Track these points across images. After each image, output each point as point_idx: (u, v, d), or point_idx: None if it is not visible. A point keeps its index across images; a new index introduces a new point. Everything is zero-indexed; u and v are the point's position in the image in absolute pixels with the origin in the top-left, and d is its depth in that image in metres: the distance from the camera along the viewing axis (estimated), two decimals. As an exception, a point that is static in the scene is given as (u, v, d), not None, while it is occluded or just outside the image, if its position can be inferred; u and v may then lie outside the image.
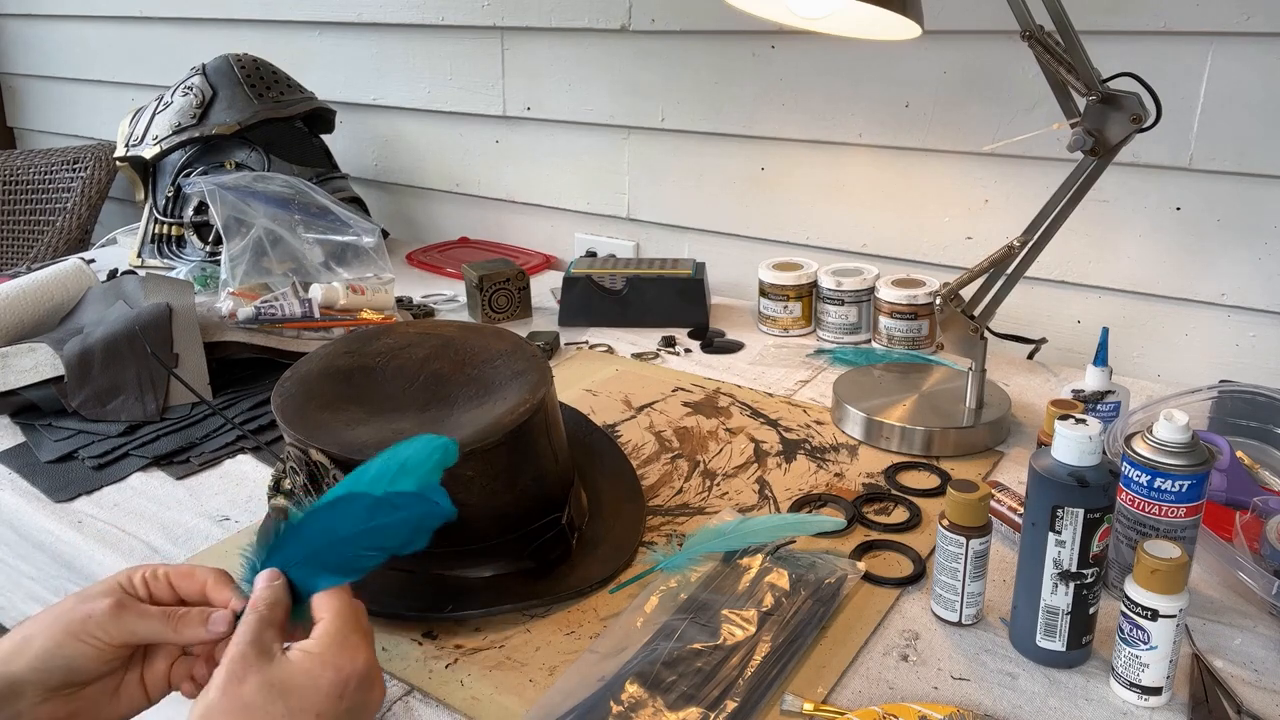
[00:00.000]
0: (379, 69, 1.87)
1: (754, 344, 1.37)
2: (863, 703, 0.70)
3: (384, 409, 0.84)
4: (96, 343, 1.15)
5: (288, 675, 0.58)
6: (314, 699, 0.58)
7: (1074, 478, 0.70)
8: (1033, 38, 0.92)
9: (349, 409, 0.83)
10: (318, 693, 0.58)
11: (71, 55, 2.44)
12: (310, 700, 0.58)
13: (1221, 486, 0.91)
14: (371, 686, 0.61)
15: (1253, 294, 1.20)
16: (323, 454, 0.76)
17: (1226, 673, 0.73)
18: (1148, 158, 1.20)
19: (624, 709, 0.69)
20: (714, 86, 1.51)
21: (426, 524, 0.64)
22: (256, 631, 0.60)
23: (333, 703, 0.58)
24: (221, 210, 1.44)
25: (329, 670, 0.59)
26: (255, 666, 0.58)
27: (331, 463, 0.75)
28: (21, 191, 2.33)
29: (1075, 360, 1.31)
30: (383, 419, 0.82)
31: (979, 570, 0.77)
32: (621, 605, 0.81)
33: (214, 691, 0.57)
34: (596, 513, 0.91)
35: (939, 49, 1.30)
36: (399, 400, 0.85)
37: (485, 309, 1.44)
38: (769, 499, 0.97)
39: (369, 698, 0.61)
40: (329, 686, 0.58)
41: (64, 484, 1.02)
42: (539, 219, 1.79)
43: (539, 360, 0.88)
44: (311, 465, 0.77)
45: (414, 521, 0.64)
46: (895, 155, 1.39)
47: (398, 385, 0.87)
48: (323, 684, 0.58)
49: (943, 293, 1.05)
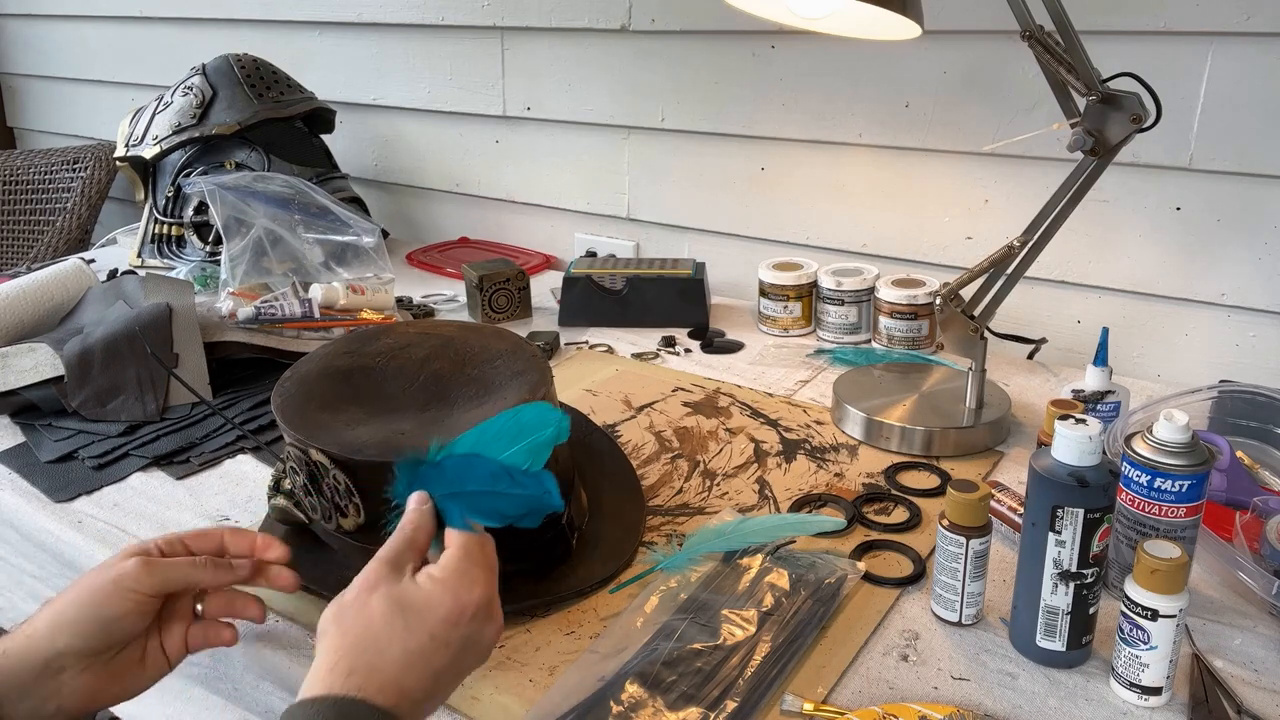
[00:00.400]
0: (379, 69, 1.87)
1: (754, 344, 1.37)
2: (863, 703, 0.70)
3: (384, 409, 0.84)
4: (96, 343, 1.15)
5: (410, 595, 0.63)
6: (430, 621, 0.62)
7: (1074, 478, 0.70)
8: (1033, 38, 0.92)
9: (349, 409, 0.83)
10: (434, 616, 0.62)
11: (71, 55, 2.44)
12: (427, 622, 0.62)
13: (1221, 486, 0.91)
14: (488, 619, 0.64)
15: (1253, 294, 1.20)
16: (322, 454, 0.76)
17: (1226, 673, 0.73)
18: (1148, 158, 1.20)
19: (624, 709, 0.69)
20: (714, 86, 1.51)
21: (538, 507, 0.69)
22: (397, 549, 0.65)
23: (447, 628, 0.62)
24: (221, 210, 1.44)
25: (448, 597, 0.63)
26: (386, 580, 0.63)
27: (331, 463, 0.75)
28: (21, 191, 2.33)
29: (1075, 360, 1.31)
30: (382, 419, 0.82)
31: (979, 570, 0.77)
32: (621, 605, 0.81)
33: (350, 593, 0.63)
34: (596, 513, 0.91)
35: (939, 49, 1.30)
36: (399, 400, 0.85)
37: (485, 309, 1.44)
38: (769, 499, 0.97)
39: (484, 630, 0.64)
40: (445, 613, 0.62)
41: (64, 484, 1.02)
42: (539, 219, 1.79)
43: (539, 360, 0.88)
44: (311, 465, 0.77)
45: (529, 501, 0.69)
46: (895, 155, 1.39)
47: (398, 385, 0.87)
48: (440, 610, 0.62)
49: (943, 293, 1.05)
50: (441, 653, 0.62)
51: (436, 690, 0.62)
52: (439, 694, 0.63)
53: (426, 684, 0.61)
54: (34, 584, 1.01)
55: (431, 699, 0.62)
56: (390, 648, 0.61)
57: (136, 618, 0.70)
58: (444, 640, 0.62)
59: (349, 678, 0.59)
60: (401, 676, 0.60)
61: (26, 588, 1.02)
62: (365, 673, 0.59)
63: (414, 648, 0.61)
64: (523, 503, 0.69)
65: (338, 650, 0.61)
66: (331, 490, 0.77)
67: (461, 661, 0.63)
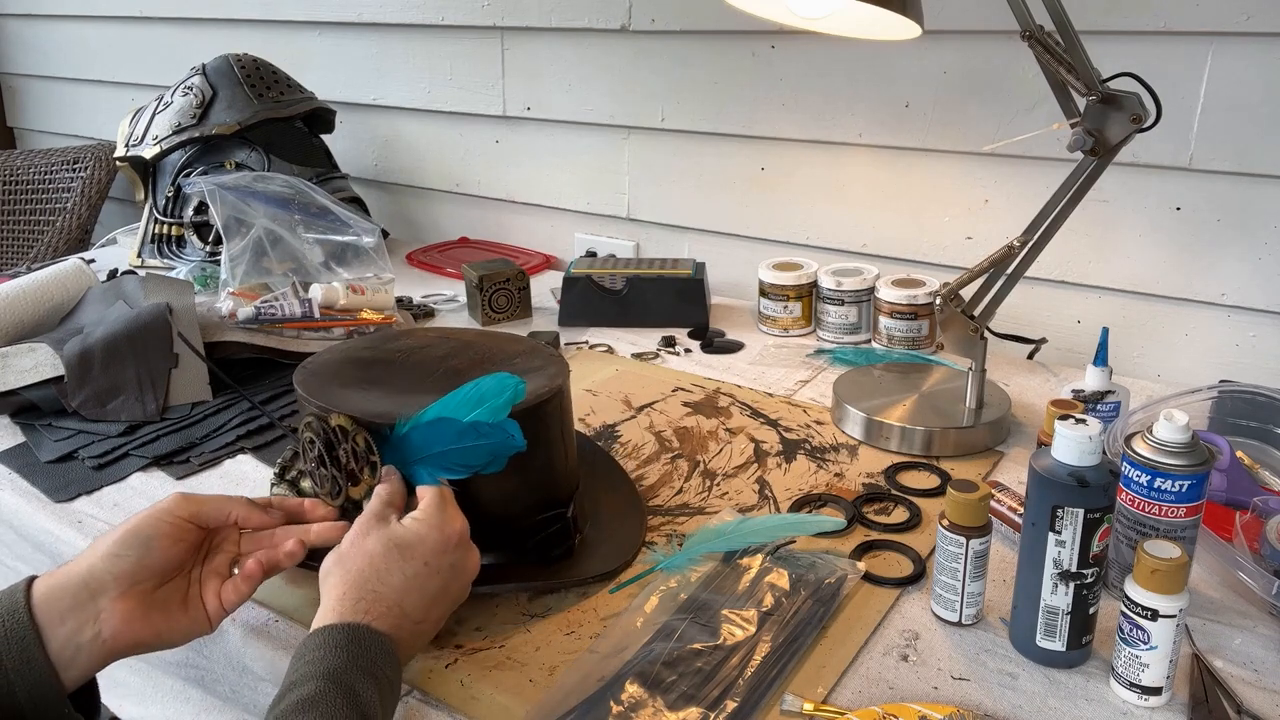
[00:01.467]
0: (379, 69, 1.87)
1: (754, 344, 1.37)
2: (863, 703, 0.70)
3: (404, 390, 0.85)
4: (96, 343, 1.15)
5: (401, 534, 0.72)
6: (422, 551, 0.71)
7: (1074, 478, 0.70)
8: (1033, 38, 0.92)
9: (370, 390, 0.85)
10: (425, 546, 0.71)
11: (71, 55, 2.44)
12: (420, 552, 0.71)
13: (1221, 486, 0.91)
14: (470, 548, 0.74)
15: (1253, 294, 1.20)
16: (345, 417, 0.78)
17: (1226, 673, 0.73)
18: (1148, 158, 1.20)
19: (624, 709, 0.69)
20: (714, 86, 1.51)
21: (502, 451, 0.77)
22: (377, 507, 0.74)
23: (438, 555, 0.71)
24: (221, 210, 1.44)
25: (434, 530, 0.72)
26: (376, 527, 0.72)
27: (353, 424, 0.78)
28: (21, 191, 2.33)
29: (1075, 360, 1.31)
30: (402, 396, 0.83)
31: (979, 570, 0.77)
32: (621, 605, 0.81)
33: (345, 544, 0.72)
34: (597, 521, 0.92)
35: (939, 49, 1.30)
36: (419, 386, 0.86)
37: (485, 309, 1.44)
38: (769, 499, 0.97)
39: (468, 556, 0.74)
40: (434, 542, 0.72)
41: (64, 484, 1.02)
42: (539, 219, 1.79)
43: (557, 357, 0.91)
44: (330, 432, 0.79)
45: (493, 448, 0.77)
46: (895, 155, 1.39)
47: (417, 375, 0.89)
48: (429, 540, 0.72)
49: (943, 293, 1.05)
50: (434, 578, 0.71)
51: (431, 612, 0.71)
52: (432, 617, 0.72)
53: (423, 606, 0.70)
54: (34, 584, 1.01)
55: (426, 620, 0.71)
56: (390, 576, 0.69)
57: (172, 543, 0.73)
58: (436, 567, 0.71)
59: (356, 604, 0.67)
60: (402, 599, 0.69)
61: (26, 588, 1.02)
62: (371, 599, 0.68)
63: (410, 574, 0.70)
64: (487, 451, 0.77)
65: (344, 584, 0.69)
66: (349, 455, 0.79)
67: (450, 586, 0.72)
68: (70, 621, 0.68)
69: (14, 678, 0.66)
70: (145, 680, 0.91)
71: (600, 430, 1.11)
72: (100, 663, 0.69)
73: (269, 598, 0.83)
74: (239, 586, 0.75)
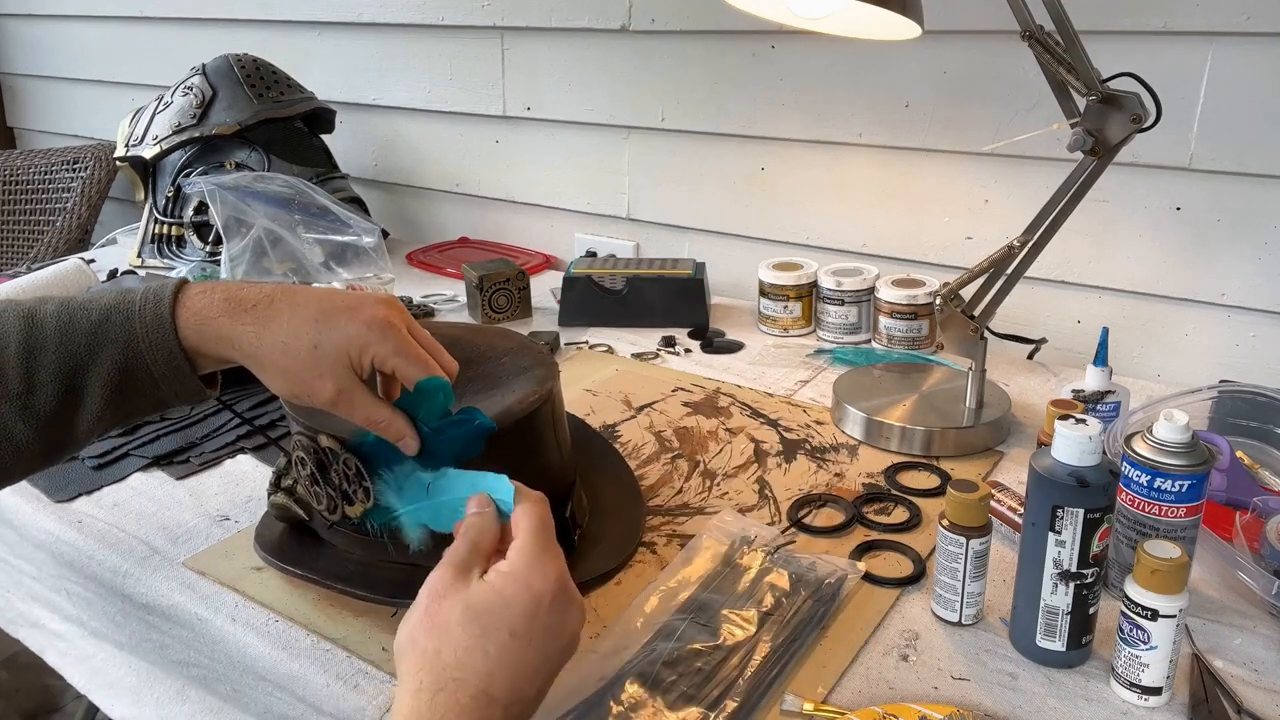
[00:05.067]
0: (379, 69, 1.87)
1: (754, 344, 1.37)
2: (863, 703, 0.70)
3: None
4: (96, 343, 1.15)
5: (481, 597, 0.59)
6: (507, 617, 0.59)
7: (1074, 478, 0.70)
8: (1033, 38, 0.92)
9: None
10: (510, 612, 0.59)
11: (71, 55, 2.44)
12: (504, 619, 0.59)
13: (1221, 486, 0.91)
14: (569, 604, 0.61)
15: (1253, 294, 1.20)
16: (332, 439, 0.77)
17: (1226, 673, 0.73)
18: (1148, 158, 1.20)
19: (624, 709, 0.69)
20: (714, 86, 1.51)
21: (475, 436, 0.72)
22: (462, 554, 0.62)
23: (526, 621, 0.59)
24: (221, 210, 1.44)
25: (522, 590, 0.60)
26: (454, 587, 0.60)
27: (341, 447, 0.76)
28: (21, 191, 2.33)
29: (1075, 360, 1.31)
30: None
31: (979, 570, 0.77)
32: (622, 605, 0.81)
33: (418, 611, 0.60)
34: (596, 513, 0.92)
35: (939, 49, 1.30)
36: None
37: (485, 309, 1.44)
38: (769, 499, 0.97)
39: (566, 615, 0.61)
40: (522, 606, 0.59)
41: (64, 484, 1.02)
42: (539, 219, 1.79)
43: (546, 356, 0.90)
44: (320, 453, 0.78)
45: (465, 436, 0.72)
46: (895, 155, 1.39)
47: None
48: (515, 604, 0.59)
49: (943, 293, 1.05)
50: (528, 651, 0.59)
51: (527, 689, 0.59)
52: (529, 694, 0.59)
53: (516, 687, 0.58)
54: (33, 584, 1.01)
55: (522, 701, 0.59)
56: (472, 657, 0.58)
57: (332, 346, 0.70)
58: (527, 637, 0.59)
59: (434, 699, 0.57)
60: (488, 685, 0.57)
61: (26, 588, 1.02)
62: (452, 690, 0.57)
63: (495, 651, 0.58)
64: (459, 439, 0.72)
65: (419, 671, 0.58)
66: (340, 476, 0.78)
67: (549, 651, 0.60)
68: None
69: (144, 346, 0.70)
70: (141, 680, 0.91)
71: (600, 430, 1.11)
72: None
73: (269, 598, 0.83)
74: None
